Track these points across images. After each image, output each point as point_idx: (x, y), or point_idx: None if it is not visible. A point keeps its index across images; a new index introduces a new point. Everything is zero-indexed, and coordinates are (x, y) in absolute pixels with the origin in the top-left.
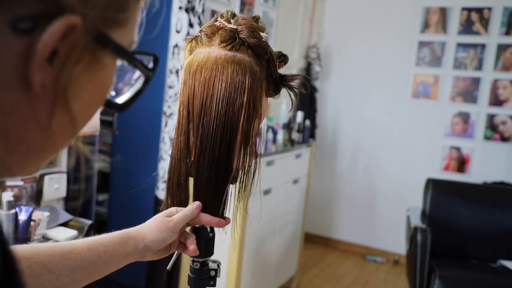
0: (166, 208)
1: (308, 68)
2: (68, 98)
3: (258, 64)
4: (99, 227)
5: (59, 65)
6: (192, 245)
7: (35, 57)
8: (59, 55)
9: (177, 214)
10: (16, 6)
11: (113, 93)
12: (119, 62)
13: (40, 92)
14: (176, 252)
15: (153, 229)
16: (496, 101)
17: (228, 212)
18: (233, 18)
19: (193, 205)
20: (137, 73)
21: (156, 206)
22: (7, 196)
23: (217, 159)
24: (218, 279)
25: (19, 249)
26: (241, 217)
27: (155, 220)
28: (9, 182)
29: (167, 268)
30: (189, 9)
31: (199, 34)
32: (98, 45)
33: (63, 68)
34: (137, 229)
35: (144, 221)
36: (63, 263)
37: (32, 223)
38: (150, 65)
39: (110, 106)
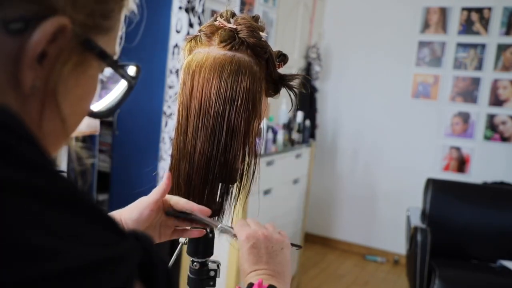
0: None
1: (308, 68)
2: (58, 98)
3: (258, 63)
4: None
5: (49, 66)
6: (194, 205)
7: (26, 56)
8: (49, 57)
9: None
10: (8, 8)
11: (97, 101)
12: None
13: (30, 93)
14: (176, 252)
15: (130, 207)
16: (496, 101)
17: (228, 212)
18: (232, 18)
19: (164, 176)
20: (120, 81)
21: None
22: None
23: (216, 159)
24: (217, 279)
25: None
26: (241, 217)
27: (136, 201)
28: None
29: None
30: (189, 9)
31: (199, 33)
32: (85, 49)
33: (53, 69)
34: (118, 211)
35: None
36: None
37: None
38: (133, 74)
39: (93, 114)
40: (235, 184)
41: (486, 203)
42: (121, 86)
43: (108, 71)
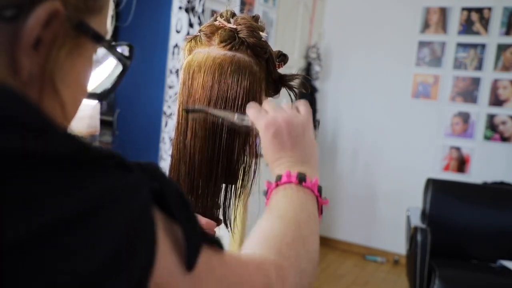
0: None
1: (308, 68)
2: (56, 83)
3: (258, 63)
4: None
5: (44, 51)
6: (202, 219)
7: (22, 43)
8: (44, 42)
9: None
10: None
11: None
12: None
13: (27, 80)
14: None
15: None
16: (496, 101)
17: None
18: (232, 18)
19: None
20: (114, 62)
21: None
22: None
23: (217, 159)
24: None
25: None
26: (241, 217)
27: None
28: None
29: None
30: (189, 9)
31: (199, 33)
32: (79, 32)
33: (49, 54)
34: None
35: None
36: None
37: None
38: (127, 54)
39: (90, 95)
40: (236, 184)
41: (486, 203)
42: (116, 67)
43: (100, 51)
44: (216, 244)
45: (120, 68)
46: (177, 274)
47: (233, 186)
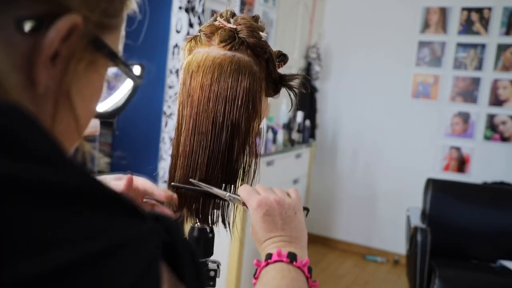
0: (168, 207)
1: (308, 68)
2: (72, 97)
3: (258, 63)
4: None
5: (61, 65)
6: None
7: (41, 55)
8: (61, 56)
9: None
10: (22, 7)
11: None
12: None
13: (43, 92)
14: None
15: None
16: (496, 101)
17: (228, 213)
18: (232, 18)
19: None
20: (126, 81)
21: None
22: None
23: (216, 159)
24: (217, 280)
25: None
26: (241, 217)
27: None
28: None
29: None
30: (189, 9)
31: (199, 33)
32: (95, 48)
33: (67, 68)
34: None
35: None
36: None
37: None
38: (138, 73)
39: (100, 114)
40: (236, 184)
41: (486, 203)
42: (127, 85)
43: (112, 70)
44: None
45: (131, 86)
46: None
47: (233, 186)
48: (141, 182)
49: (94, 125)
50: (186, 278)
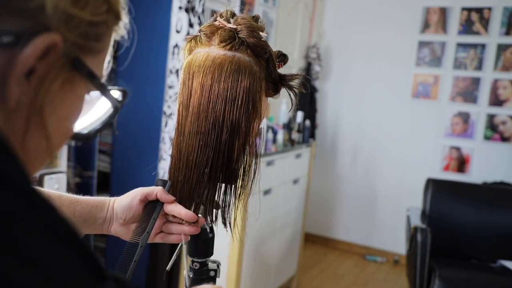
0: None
1: (308, 68)
2: (44, 115)
3: (258, 63)
4: None
5: (36, 82)
6: (182, 210)
7: (15, 70)
8: (37, 73)
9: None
10: (0, 21)
11: (79, 123)
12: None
13: (15, 107)
14: (176, 252)
15: (125, 194)
16: (496, 101)
17: (228, 213)
18: (232, 18)
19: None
20: (105, 104)
21: None
22: None
23: (216, 159)
24: (217, 280)
25: None
26: (241, 217)
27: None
28: None
29: (167, 268)
30: (189, 9)
31: (199, 33)
32: (74, 69)
33: (41, 86)
34: (112, 198)
35: None
36: None
37: None
38: (119, 98)
39: (76, 136)
40: (236, 184)
41: (486, 203)
42: (106, 108)
43: (94, 93)
44: None
45: (111, 111)
46: None
47: (233, 186)
48: (169, 209)
49: None
50: None
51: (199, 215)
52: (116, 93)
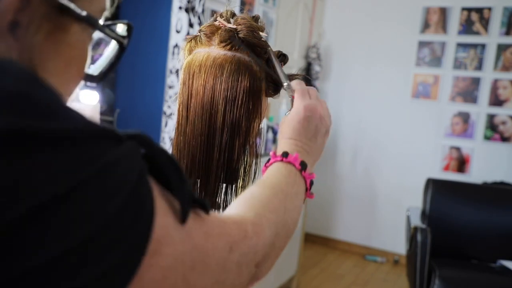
0: None
1: (308, 68)
2: (36, 69)
3: (258, 63)
4: None
5: (22, 35)
6: None
7: None
8: (21, 26)
9: None
10: None
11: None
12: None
13: None
14: None
15: None
16: (496, 101)
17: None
18: (232, 18)
19: None
20: (112, 42)
21: None
22: None
23: (217, 159)
24: None
25: None
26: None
27: None
28: None
29: None
30: (189, 9)
31: (199, 33)
32: (61, 14)
33: (25, 37)
34: None
35: None
36: None
37: None
38: (123, 33)
39: (86, 77)
40: (236, 184)
41: (486, 203)
42: (113, 47)
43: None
44: (202, 205)
45: (116, 48)
46: (172, 229)
47: (233, 186)
48: None
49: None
50: (173, 184)
51: None
52: (121, 28)
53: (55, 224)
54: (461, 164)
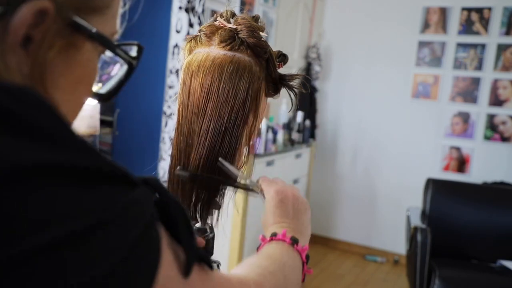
0: None
1: (308, 68)
2: (46, 85)
3: (258, 63)
4: None
5: (34, 51)
6: None
7: (8, 40)
8: (34, 41)
9: None
10: None
11: (98, 84)
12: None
13: (18, 79)
14: None
15: None
16: (496, 101)
17: (227, 213)
18: (232, 18)
19: None
20: (121, 62)
21: None
22: None
23: (216, 159)
24: None
25: None
26: (241, 217)
27: None
28: None
29: None
30: (189, 9)
31: (199, 33)
32: (73, 32)
33: (37, 53)
34: None
35: None
36: None
37: None
38: (134, 54)
39: (95, 96)
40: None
41: (486, 203)
42: (122, 67)
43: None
44: (207, 262)
45: (125, 68)
46: (175, 281)
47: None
48: None
49: (94, 125)
50: (181, 236)
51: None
52: (131, 49)
53: (70, 262)
54: (461, 164)
